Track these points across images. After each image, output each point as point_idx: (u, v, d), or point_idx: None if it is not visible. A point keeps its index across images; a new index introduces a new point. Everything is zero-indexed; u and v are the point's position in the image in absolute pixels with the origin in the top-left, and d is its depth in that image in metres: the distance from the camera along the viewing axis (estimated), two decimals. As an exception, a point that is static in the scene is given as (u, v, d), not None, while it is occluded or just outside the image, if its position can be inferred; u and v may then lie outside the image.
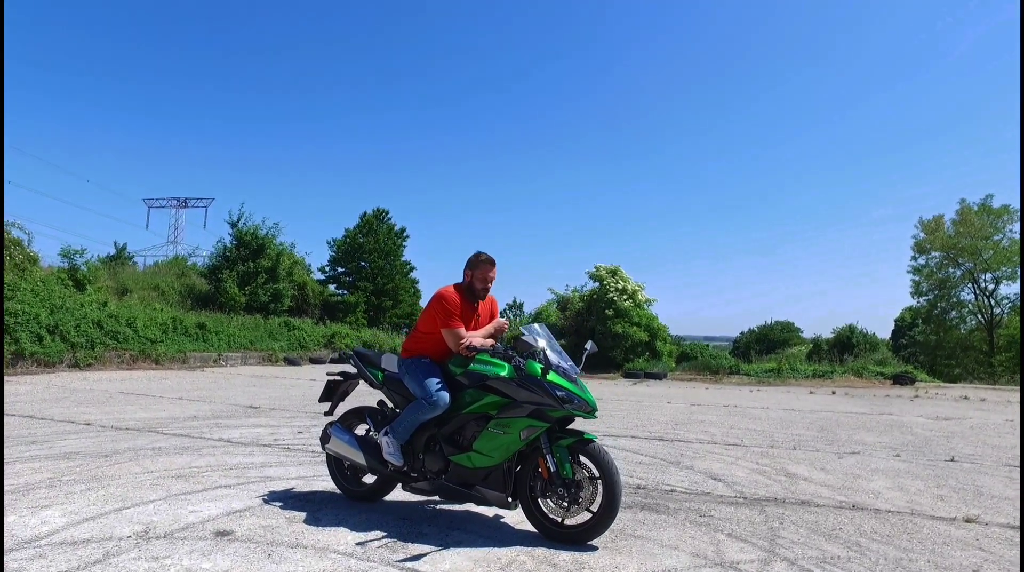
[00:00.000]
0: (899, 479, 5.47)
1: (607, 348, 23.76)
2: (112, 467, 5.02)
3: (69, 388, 10.90)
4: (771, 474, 5.50)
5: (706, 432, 8.01)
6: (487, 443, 3.56)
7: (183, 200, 58.02)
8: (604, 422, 8.78)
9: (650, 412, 10.23)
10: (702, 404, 11.88)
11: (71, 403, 8.90)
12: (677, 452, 6.50)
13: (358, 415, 4.27)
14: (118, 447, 5.84)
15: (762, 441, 7.37)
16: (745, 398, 13.54)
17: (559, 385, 3.50)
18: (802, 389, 16.77)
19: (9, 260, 16.63)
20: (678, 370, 22.33)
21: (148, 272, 28.93)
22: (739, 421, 9.27)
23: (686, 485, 4.99)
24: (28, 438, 6.20)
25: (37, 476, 4.67)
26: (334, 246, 39.16)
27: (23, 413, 7.77)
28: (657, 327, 24.12)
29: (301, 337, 25.03)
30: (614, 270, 24.84)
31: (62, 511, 3.80)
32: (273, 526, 3.63)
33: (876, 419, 10.04)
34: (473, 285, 4.00)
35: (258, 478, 4.80)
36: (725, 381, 19.27)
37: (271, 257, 28.13)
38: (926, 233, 37.21)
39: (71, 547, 3.21)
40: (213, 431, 6.91)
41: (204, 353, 18.57)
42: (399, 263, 40.77)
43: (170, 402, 9.39)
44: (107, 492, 4.25)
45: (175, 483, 4.54)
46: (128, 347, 15.92)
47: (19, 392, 10.19)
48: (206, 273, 27.66)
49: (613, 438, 7.31)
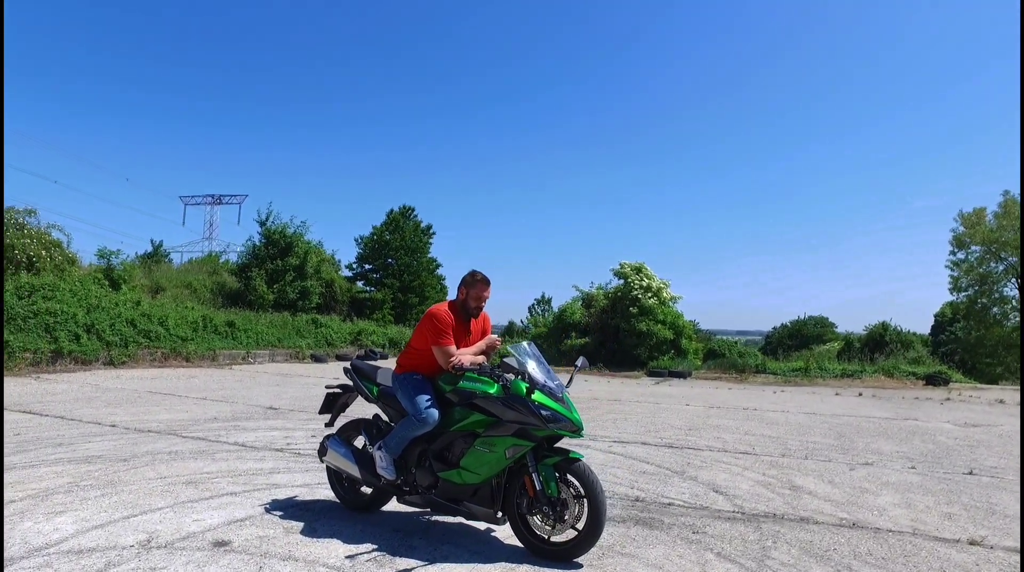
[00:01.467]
0: (909, 494, 5.35)
1: (631, 346, 23.64)
2: (128, 472, 5.22)
3: (102, 387, 11.32)
4: (776, 487, 5.44)
5: (719, 438, 7.94)
6: (474, 460, 3.61)
7: (217, 197, 59.34)
8: (617, 427, 8.78)
9: (666, 415, 10.17)
10: (721, 406, 11.75)
11: (101, 403, 9.25)
12: (684, 460, 6.47)
13: (356, 428, 4.37)
14: (137, 450, 6.07)
15: (774, 449, 7.28)
16: (767, 400, 13.34)
17: (544, 405, 3.53)
18: (828, 390, 16.43)
19: (49, 261, 17.30)
20: (703, 368, 22.08)
21: (181, 270, 29.75)
22: (755, 426, 9.15)
23: (686, 498, 4.98)
24: (56, 440, 6.48)
25: (58, 480, 4.89)
26: (361, 243, 39.70)
27: (55, 413, 8.12)
28: (682, 325, 23.87)
29: (328, 334, 25.45)
30: (639, 267, 24.64)
31: (74, 518, 3.99)
32: (269, 536, 3.75)
33: (899, 425, 9.81)
34: (467, 303, 4.05)
35: (264, 485, 4.95)
36: (750, 380, 18.99)
37: (299, 255, 28.66)
38: (966, 226, 35.89)
39: (76, 556, 3.37)
40: (230, 434, 7.12)
41: (233, 351, 19.04)
42: (425, 260, 41.11)
43: (194, 403, 9.69)
44: (119, 498, 4.44)
45: (184, 490, 4.71)
46: (160, 345, 16.44)
47: (56, 390, 10.63)
48: (236, 271, 28.33)
49: (623, 445, 7.30)
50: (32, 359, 13.62)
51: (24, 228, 17.79)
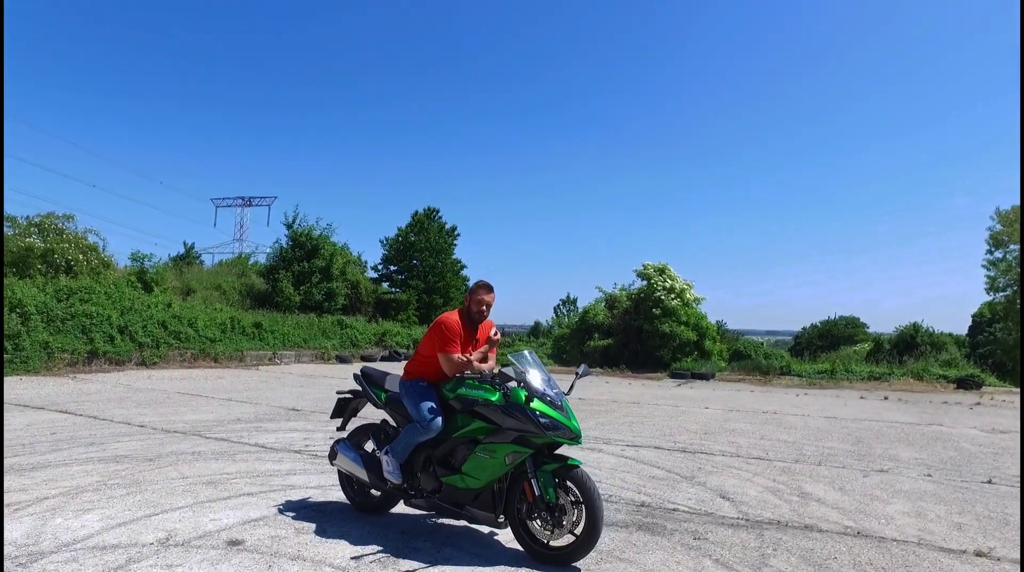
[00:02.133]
0: (920, 503, 5.31)
1: (654, 348, 23.53)
2: (153, 471, 5.46)
3: (133, 387, 11.74)
4: (784, 493, 5.45)
5: (733, 443, 7.93)
6: (475, 466, 3.72)
7: (247, 199, 60.64)
8: (632, 430, 8.81)
9: (683, 419, 10.16)
10: (741, 410, 11.68)
11: (131, 404, 9.61)
12: (695, 466, 6.49)
13: (365, 432, 4.51)
14: (163, 451, 6.32)
15: (788, 455, 7.25)
16: (788, 403, 13.20)
17: (542, 413, 3.62)
18: (853, 393, 16.17)
19: (86, 265, 17.95)
20: (727, 370, 21.87)
21: (211, 272, 30.49)
22: (772, 431, 9.10)
23: (692, 504, 5.02)
24: (88, 440, 6.79)
25: (87, 479, 5.15)
26: (386, 245, 40.19)
27: (89, 413, 8.47)
28: (706, 326, 23.68)
29: (353, 335, 25.85)
30: (662, 268, 24.51)
31: (100, 515, 4.21)
32: (281, 536, 3.91)
33: (922, 430, 9.65)
34: (472, 309, 4.17)
35: (280, 486, 5.13)
36: (774, 383, 18.77)
37: (325, 257, 29.16)
38: (1003, 225, 34.86)
39: (100, 552, 3.57)
40: (252, 435, 7.36)
41: (260, 351, 19.50)
42: (450, 261, 41.44)
43: (219, 404, 9.99)
44: (143, 497, 4.66)
45: (204, 489, 4.92)
46: (189, 346, 16.93)
47: (90, 390, 11.06)
48: (264, 273, 28.95)
49: (636, 449, 7.35)
50: (70, 359, 14.17)
51: (63, 233, 18.51)
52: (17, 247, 17.27)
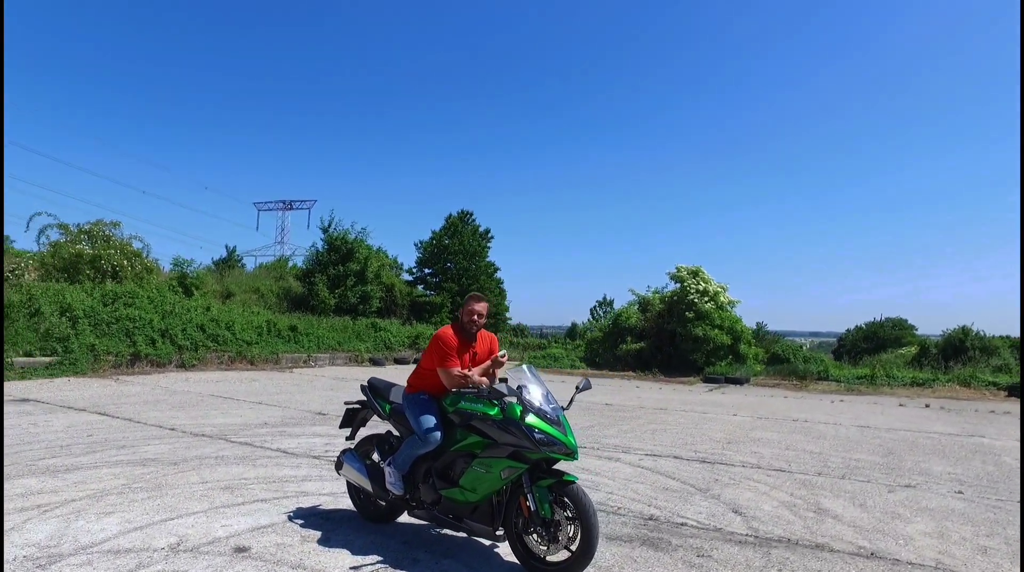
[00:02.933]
0: (946, 522, 5.11)
1: (688, 351, 23.19)
2: (176, 475, 5.66)
3: (170, 389, 12.17)
4: (800, 508, 5.31)
5: (756, 453, 7.76)
6: (472, 480, 3.75)
7: (288, 202, 62.20)
8: (654, 438, 8.72)
9: (707, 427, 9.99)
10: (770, 417, 11.42)
11: (166, 406, 9.97)
12: (712, 477, 6.39)
13: (372, 443, 4.59)
14: (188, 454, 6.55)
15: (811, 467, 7.06)
16: (821, 410, 12.84)
17: (538, 428, 3.62)
18: (893, 400, 15.62)
19: (130, 270, 18.68)
20: (763, 375, 21.40)
21: (250, 275, 31.34)
22: (799, 440, 8.87)
23: (702, 518, 4.94)
24: (120, 442, 7.08)
25: (113, 482, 5.37)
26: (421, 248, 40.65)
27: (124, 416, 8.83)
28: (741, 330, 23.22)
29: (386, 338, 26.21)
30: (695, 271, 24.15)
31: (120, 519, 4.39)
32: (286, 544, 4.01)
33: (961, 442, 9.26)
34: (464, 321, 4.21)
35: (294, 493, 5.26)
36: (811, 388, 18.27)
37: (359, 260, 29.66)
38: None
39: (114, 556, 3.73)
40: (276, 440, 7.55)
41: (295, 354, 19.96)
42: (484, 264, 41.68)
43: (249, 407, 10.28)
44: (162, 502, 4.84)
45: (220, 495, 5.08)
46: (226, 349, 17.45)
47: (130, 393, 11.51)
48: (301, 276, 29.61)
49: (654, 458, 7.27)
50: (114, 361, 14.78)
51: (110, 240, 19.30)
52: (68, 253, 18.10)
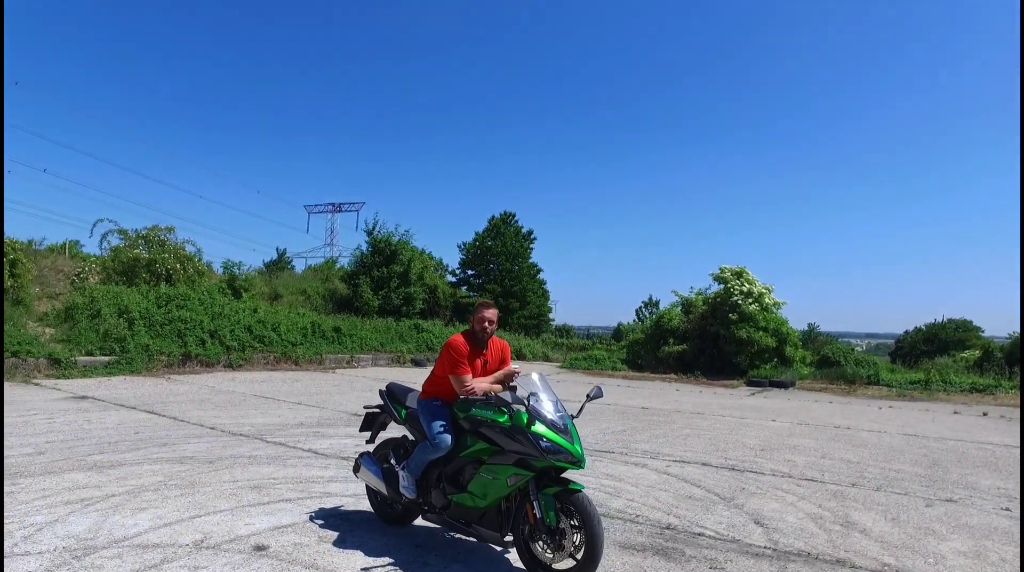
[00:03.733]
0: (985, 541, 4.86)
1: (731, 354, 22.69)
2: (210, 474, 5.91)
3: (217, 389, 12.67)
4: (826, 521, 5.15)
5: (789, 461, 7.55)
6: (479, 486, 3.80)
7: (338, 205, 63.70)
8: (685, 444, 8.59)
9: (742, 432, 9.77)
10: (811, 423, 11.07)
11: (210, 406, 10.39)
12: (739, 485, 6.25)
13: (388, 446, 4.69)
14: (224, 453, 6.82)
15: (845, 477, 6.82)
16: (868, 417, 12.36)
17: (543, 436, 3.64)
18: (947, 407, 14.89)
19: (183, 273, 19.53)
20: (809, 378, 20.74)
21: (298, 277, 32.27)
22: (837, 448, 8.58)
23: (721, 529, 4.85)
24: (163, 440, 7.43)
25: (151, 479, 5.65)
26: (464, 249, 41.02)
27: (170, 414, 9.25)
28: (787, 332, 22.55)
29: (428, 339, 26.56)
30: (739, 272, 23.59)
31: (152, 515, 4.62)
32: (303, 544, 4.15)
33: (1016, 455, 8.77)
34: (474, 328, 4.26)
35: (319, 493, 5.42)
36: (859, 393, 17.60)
37: (403, 262, 30.16)
38: None
39: (142, 550, 3.93)
40: (309, 440, 7.78)
41: (338, 355, 20.46)
42: (526, 265, 41.76)
43: (288, 407, 10.61)
44: (193, 499, 5.06)
45: (248, 494, 5.28)
46: (272, 349, 18.04)
47: (179, 392, 12.05)
48: (346, 278, 30.32)
49: (681, 465, 7.16)
50: (166, 361, 15.48)
51: (165, 244, 20.23)
52: (127, 258, 19.06)
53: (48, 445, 6.95)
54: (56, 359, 13.73)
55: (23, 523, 4.37)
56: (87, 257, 21.96)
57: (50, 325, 15.71)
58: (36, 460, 6.24)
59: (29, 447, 6.81)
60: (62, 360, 13.75)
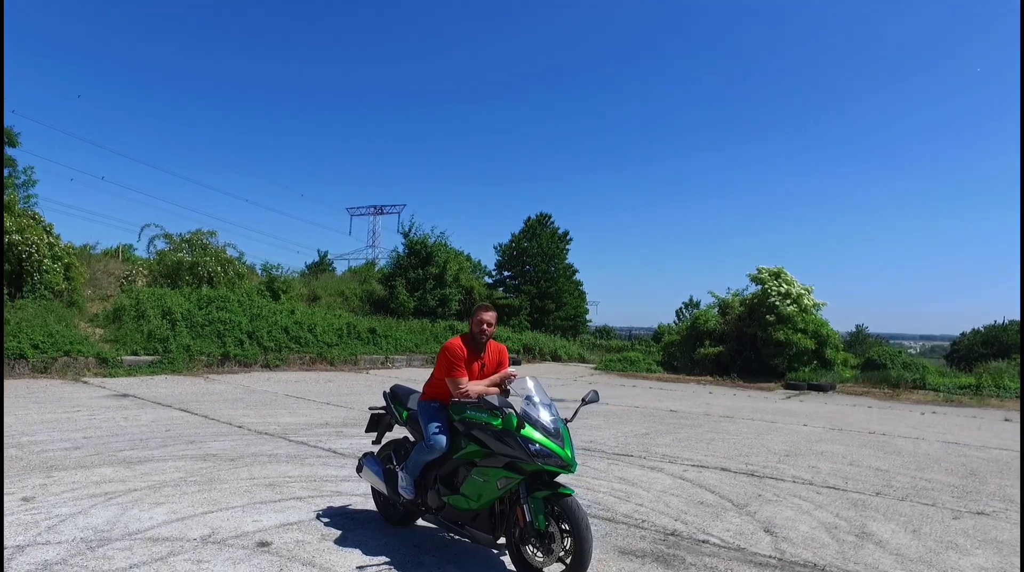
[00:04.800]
0: (1013, 558, 4.62)
1: (769, 356, 22.13)
2: (229, 471, 6.10)
3: (251, 389, 13.05)
4: (841, 531, 4.99)
5: (813, 468, 7.33)
6: (470, 488, 3.82)
7: (379, 207, 64.76)
8: (707, 448, 8.43)
9: (770, 437, 9.52)
10: (844, 429, 10.71)
11: (242, 405, 10.72)
12: (755, 492, 6.11)
13: (390, 447, 4.76)
14: (247, 451, 7.03)
15: (870, 485, 6.58)
16: (907, 423, 11.88)
17: (533, 440, 3.64)
18: (999, 414, 14.18)
19: (224, 276, 20.18)
20: (851, 382, 20.05)
21: (337, 279, 32.92)
22: (867, 455, 8.28)
23: (727, 537, 4.76)
24: (190, 437, 7.70)
25: (173, 475, 5.87)
26: (500, 251, 41.16)
27: (202, 413, 9.59)
28: (827, 334, 21.85)
29: (462, 340, 26.69)
30: (777, 272, 22.99)
31: (167, 510, 4.81)
32: (305, 541, 4.25)
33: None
34: (472, 331, 4.29)
35: (330, 492, 5.53)
36: (903, 397, 16.93)
37: (439, 264, 30.44)
38: None
39: (152, 543, 4.10)
40: (330, 440, 7.95)
41: (373, 356, 20.79)
42: (563, 266, 41.62)
43: (317, 407, 10.86)
44: (209, 496, 5.24)
45: (262, 491, 5.43)
46: (308, 350, 18.46)
47: (214, 391, 12.46)
48: (383, 279, 30.78)
49: (699, 469, 7.04)
50: (206, 361, 16.03)
51: (207, 248, 20.95)
52: (171, 261, 19.83)
53: (85, 440, 7.29)
54: (104, 358, 14.38)
55: (49, 514, 4.61)
56: (136, 260, 22.92)
57: (100, 326, 16.47)
58: (72, 454, 6.56)
59: (68, 442, 7.16)
60: (109, 359, 14.39)
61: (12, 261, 16.04)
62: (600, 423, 10.38)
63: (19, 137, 23.85)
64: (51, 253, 16.77)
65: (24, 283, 16.26)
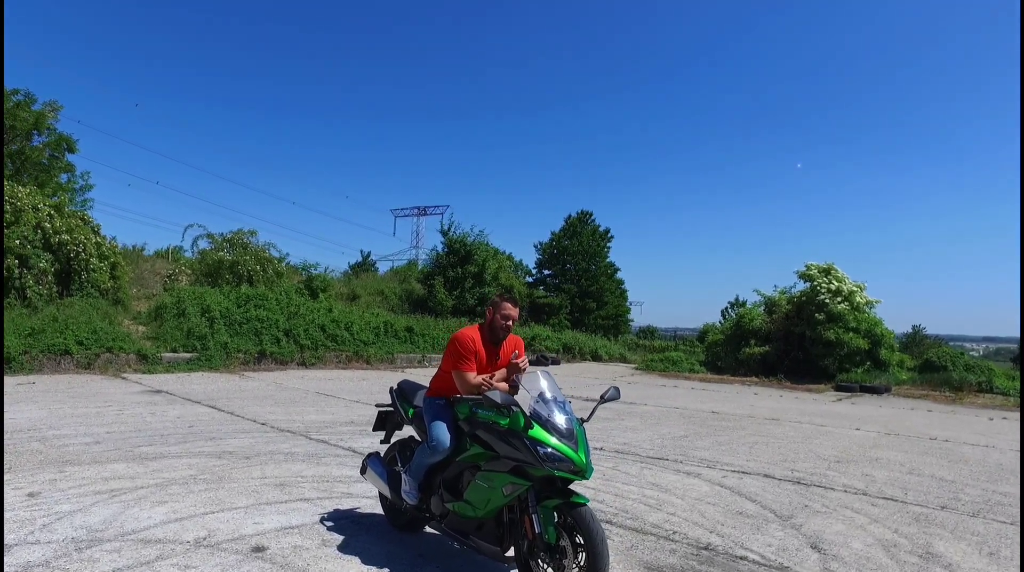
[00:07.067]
0: (1105, 580, 3.99)
1: (818, 356, 21.07)
2: (242, 470, 5.89)
3: (284, 386, 13.02)
4: (901, 551, 4.41)
5: (867, 476, 6.69)
6: (474, 494, 3.45)
7: (423, 208, 65.19)
8: (750, 453, 7.85)
9: (818, 442, 8.85)
10: (901, 434, 9.91)
11: (270, 402, 10.63)
12: (802, 502, 5.55)
13: (396, 448, 4.43)
14: (264, 449, 6.84)
15: (935, 498, 5.92)
16: (973, 429, 10.95)
17: (543, 442, 3.24)
18: (1078, 421, 12.99)
19: (263, 274, 20.40)
20: (908, 384, 18.86)
21: (377, 278, 33.11)
22: (930, 463, 7.55)
23: (769, 552, 4.25)
24: (211, 434, 7.57)
25: (183, 472, 5.69)
26: (540, 249, 40.74)
27: (227, 409, 9.51)
28: (881, 333, 20.65)
29: (500, 339, 26.39)
30: (827, 269, 21.88)
31: (167, 509, 4.59)
32: (303, 547, 3.95)
33: None
34: (495, 324, 3.92)
35: (339, 494, 5.25)
36: (966, 401, 15.76)
37: (478, 263, 30.25)
38: None
39: (142, 545, 3.87)
40: (352, 439, 7.70)
41: (409, 354, 20.68)
42: (604, 265, 40.94)
43: (344, 405, 10.68)
44: (214, 495, 5.02)
45: (271, 492, 5.18)
46: (344, 348, 18.45)
47: (246, 387, 12.46)
48: (422, 278, 30.78)
49: (740, 476, 6.50)
50: (243, 359, 16.15)
51: (247, 247, 21.23)
52: (212, 260, 20.15)
53: (107, 435, 7.23)
54: (144, 355, 14.61)
55: (49, 511, 4.45)
56: (180, 259, 23.46)
57: (142, 323, 16.80)
58: (90, 449, 6.48)
59: (89, 437, 7.11)
60: (149, 356, 14.61)
61: (61, 260, 16.52)
62: (636, 424, 9.87)
63: (77, 143, 24.78)
64: (98, 252, 17.21)
65: (72, 281, 16.73)
